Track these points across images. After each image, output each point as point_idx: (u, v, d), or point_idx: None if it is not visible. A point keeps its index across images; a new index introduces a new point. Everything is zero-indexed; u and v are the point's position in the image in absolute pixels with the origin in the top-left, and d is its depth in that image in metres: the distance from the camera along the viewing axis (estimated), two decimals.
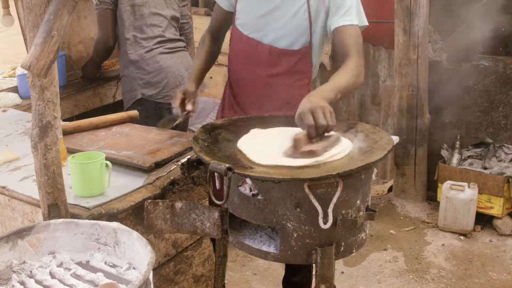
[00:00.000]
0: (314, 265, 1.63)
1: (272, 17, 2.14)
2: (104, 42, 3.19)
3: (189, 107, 2.17)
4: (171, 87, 3.12)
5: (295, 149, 1.67)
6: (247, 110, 2.26)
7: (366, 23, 2.10)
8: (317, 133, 1.69)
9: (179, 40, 3.30)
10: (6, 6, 3.60)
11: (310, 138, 1.69)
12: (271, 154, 1.68)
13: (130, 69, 3.13)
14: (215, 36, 2.39)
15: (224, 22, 2.33)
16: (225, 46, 2.42)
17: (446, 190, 3.63)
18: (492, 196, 3.58)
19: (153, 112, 3.14)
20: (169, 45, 3.19)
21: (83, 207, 1.72)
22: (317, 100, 1.73)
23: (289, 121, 1.94)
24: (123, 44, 3.14)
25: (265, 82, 2.21)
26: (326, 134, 1.71)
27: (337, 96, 1.85)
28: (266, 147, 1.73)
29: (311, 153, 1.65)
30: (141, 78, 3.11)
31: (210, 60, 2.40)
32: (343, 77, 1.93)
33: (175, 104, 2.20)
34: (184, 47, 3.33)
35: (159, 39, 3.15)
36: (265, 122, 1.94)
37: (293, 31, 2.13)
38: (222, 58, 2.54)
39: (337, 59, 2.16)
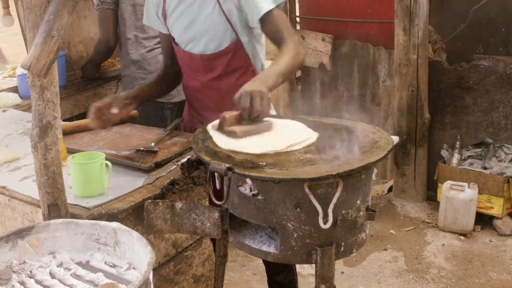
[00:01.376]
0: (314, 265, 1.64)
1: (194, 26, 2.18)
2: (105, 42, 3.19)
3: (114, 110, 2.08)
4: None
5: (220, 126, 1.78)
6: (203, 115, 2.32)
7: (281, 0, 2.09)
8: (249, 116, 1.78)
9: None
10: (6, 6, 3.61)
11: (241, 120, 1.79)
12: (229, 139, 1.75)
13: (131, 69, 3.13)
14: (169, 62, 2.40)
15: (171, 45, 2.34)
16: None
17: (446, 190, 3.63)
18: (492, 196, 3.58)
19: (154, 112, 3.14)
20: None
21: (83, 207, 1.72)
22: (259, 85, 1.80)
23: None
24: (125, 44, 3.14)
25: (209, 86, 2.26)
26: (260, 120, 1.80)
27: (279, 80, 1.91)
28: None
29: (232, 134, 1.75)
30: (142, 78, 3.11)
31: (161, 84, 2.40)
32: (283, 61, 1.95)
33: (91, 112, 2.04)
34: None
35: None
36: None
37: (216, 32, 2.16)
38: None
39: (274, 43, 2.21)
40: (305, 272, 3.19)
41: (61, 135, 1.63)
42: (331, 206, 1.54)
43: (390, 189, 4.21)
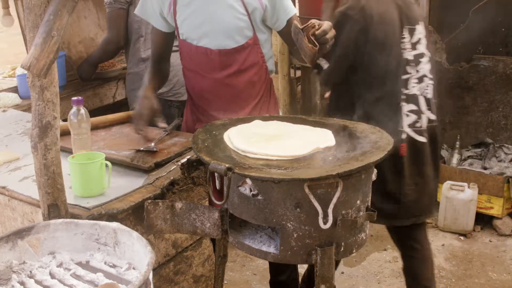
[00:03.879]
0: (314, 265, 1.64)
1: (213, 20, 2.17)
2: (116, 42, 3.17)
3: (163, 124, 2.25)
4: (181, 84, 3.11)
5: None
6: (212, 116, 2.28)
7: (295, 10, 2.27)
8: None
9: None
10: (6, 6, 3.60)
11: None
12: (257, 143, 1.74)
13: (141, 67, 3.12)
14: (158, 60, 2.41)
15: (166, 44, 2.37)
16: None
17: (446, 190, 3.63)
18: (492, 196, 3.58)
19: (161, 110, 3.13)
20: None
21: (83, 207, 1.72)
22: None
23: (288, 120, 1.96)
24: (136, 41, 3.13)
25: (224, 84, 2.24)
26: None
27: None
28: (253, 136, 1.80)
29: None
30: None
31: (159, 80, 2.45)
32: None
33: (143, 133, 2.19)
34: None
35: None
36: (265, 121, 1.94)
37: (236, 28, 2.17)
38: None
39: (291, 46, 2.32)
40: None
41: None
42: (331, 206, 1.54)
43: None
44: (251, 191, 1.65)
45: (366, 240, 1.75)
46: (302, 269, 3.15)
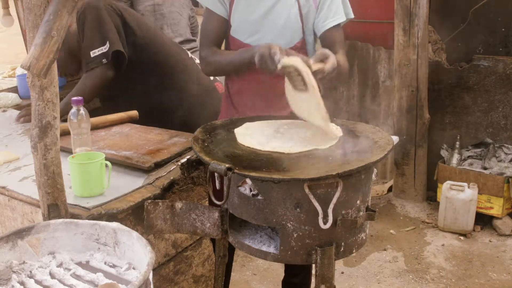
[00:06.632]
0: (314, 265, 1.64)
1: (266, 19, 2.14)
2: None
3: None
4: None
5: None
6: (247, 115, 2.23)
7: (352, 15, 2.16)
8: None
9: (193, 40, 3.30)
10: (6, 6, 3.60)
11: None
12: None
13: None
14: (219, 47, 2.26)
15: (223, 30, 2.25)
16: None
17: (446, 190, 3.63)
18: (492, 196, 3.58)
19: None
20: (187, 46, 3.19)
21: (83, 207, 1.72)
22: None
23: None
24: None
25: (266, 85, 2.18)
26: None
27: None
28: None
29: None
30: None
31: None
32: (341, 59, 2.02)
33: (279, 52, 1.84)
34: (197, 47, 3.33)
35: (179, 39, 3.15)
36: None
37: (287, 30, 2.14)
38: None
39: None
40: None
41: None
42: (331, 206, 1.54)
43: (390, 189, 4.21)
44: (251, 191, 1.65)
45: (366, 240, 1.75)
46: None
